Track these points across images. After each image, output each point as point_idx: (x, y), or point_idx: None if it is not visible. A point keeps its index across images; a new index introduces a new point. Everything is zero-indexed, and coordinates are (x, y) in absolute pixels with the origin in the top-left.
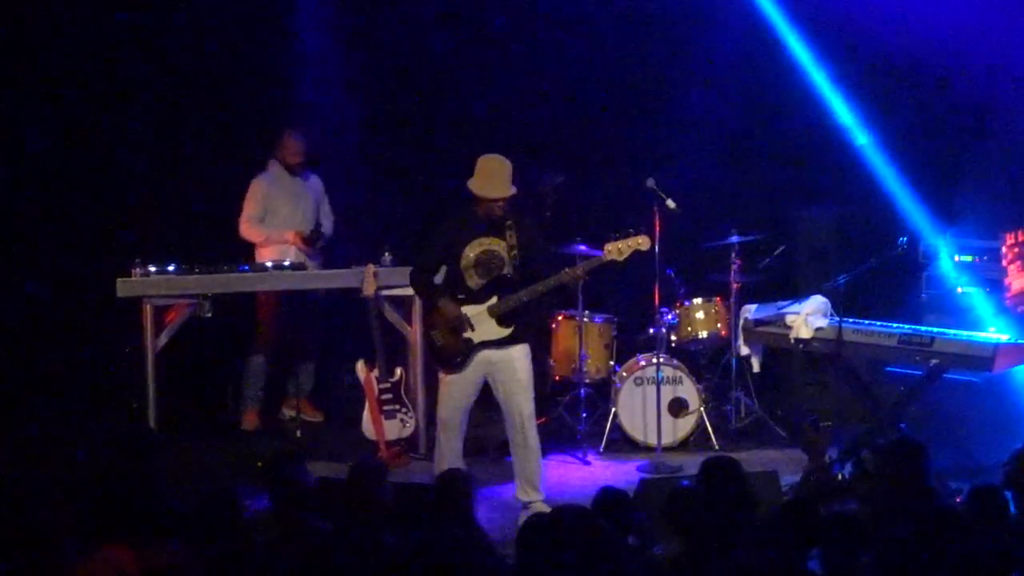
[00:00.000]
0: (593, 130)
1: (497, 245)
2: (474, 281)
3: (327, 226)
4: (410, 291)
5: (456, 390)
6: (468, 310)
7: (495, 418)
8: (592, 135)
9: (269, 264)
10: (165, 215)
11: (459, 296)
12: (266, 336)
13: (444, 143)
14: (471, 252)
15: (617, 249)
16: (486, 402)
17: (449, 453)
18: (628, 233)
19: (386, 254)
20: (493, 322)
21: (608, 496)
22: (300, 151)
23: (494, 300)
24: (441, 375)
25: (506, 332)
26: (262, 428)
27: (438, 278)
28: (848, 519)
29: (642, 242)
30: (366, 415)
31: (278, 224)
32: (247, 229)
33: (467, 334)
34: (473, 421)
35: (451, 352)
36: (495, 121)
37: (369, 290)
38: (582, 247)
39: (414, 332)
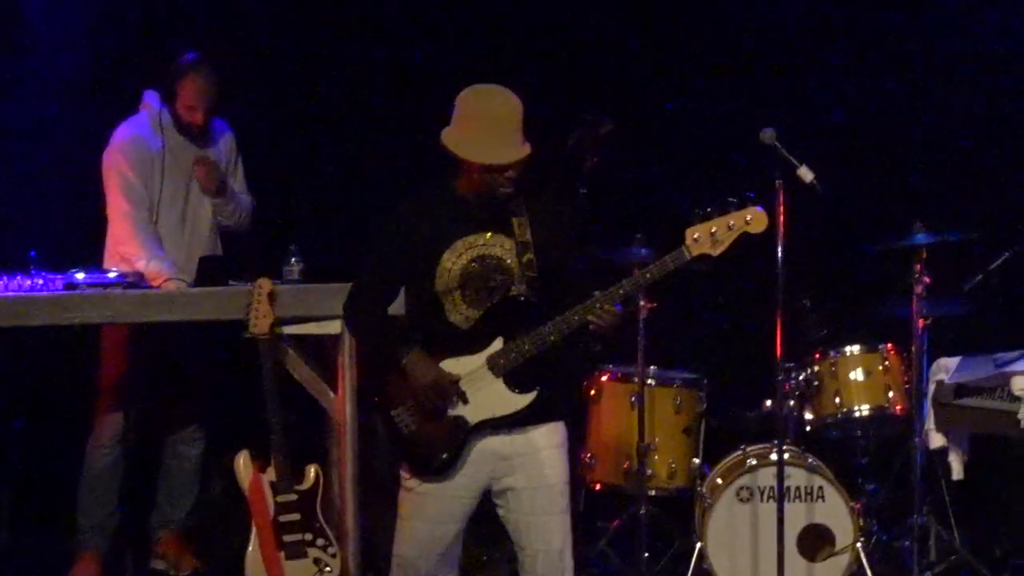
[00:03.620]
0: (665, 41)
1: (499, 246)
2: (461, 312)
3: (237, 215)
4: (335, 327)
5: (434, 511)
6: (454, 365)
7: (497, 556)
8: (663, 50)
9: (80, 276)
10: None
11: (436, 341)
12: (112, 408)
13: (395, 75)
14: (454, 261)
15: (708, 235)
16: (477, 526)
17: None
18: (727, 205)
19: (292, 261)
20: (500, 384)
21: None
22: (204, 98)
23: (498, 344)
24: (407, 483)
25: (524, 402)
26: None
27: (396, 308)
28: None
29: (753, 219)
30: (251, 552)
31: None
32: (128, 235)
33: (455, 410)
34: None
35: (428, 445)
36: (483, 32)
37: (262, 326)
38: (641, 251)
39: (341, 402)
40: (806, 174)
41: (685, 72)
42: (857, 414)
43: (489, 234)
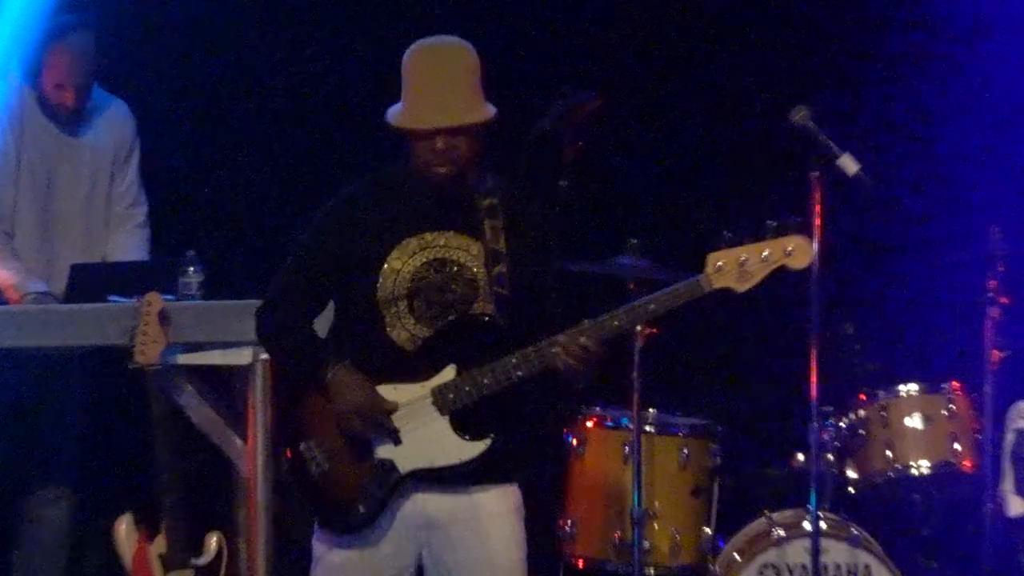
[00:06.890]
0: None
1: (464, 250)
2: (407, 328)
3: (130, 241)
4: (245, 356)
5: None
6: (390, 393)
7: None
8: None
9: None
10: None
11: (370, 363)
12: None
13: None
14: (404, 262)
15: (736, 265)
16: None
17: None
18: (763, 229)
19: (190, 271)
20: (444, 424)
21: None
22: (78, 75)
23: (449, 373)
24: (316, 550)
25: (472, 452)
26: None
27: (322, 325)
28: None
29: (795, 251)
30: None
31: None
32: None
33: (383, 451)
34: None
35: (343, 491)
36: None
37: (150, 353)
38: (638, 262)
39: (251, 451)
40: (850, 165)
41: (699, 34)
42: (914, 472)
43: (452, 234)
